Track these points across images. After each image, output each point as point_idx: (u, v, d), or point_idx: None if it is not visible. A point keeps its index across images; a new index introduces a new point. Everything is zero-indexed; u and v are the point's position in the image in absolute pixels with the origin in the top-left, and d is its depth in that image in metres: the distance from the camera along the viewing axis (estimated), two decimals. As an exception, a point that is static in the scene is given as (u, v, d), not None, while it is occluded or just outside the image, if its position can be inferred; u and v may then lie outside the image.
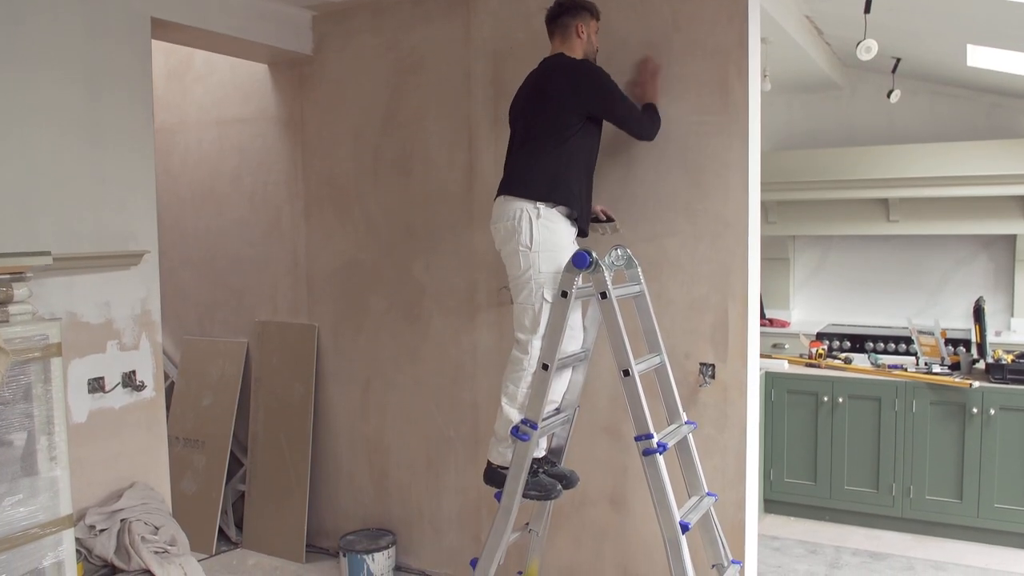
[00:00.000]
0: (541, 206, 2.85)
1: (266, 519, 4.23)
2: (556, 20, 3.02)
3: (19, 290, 2.54)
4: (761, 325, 5.35)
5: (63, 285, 3.01)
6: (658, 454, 2.63)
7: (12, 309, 2.52)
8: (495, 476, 3.03)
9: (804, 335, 5.15)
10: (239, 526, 4.38)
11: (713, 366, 3.21)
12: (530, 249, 2.85)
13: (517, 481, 2.87)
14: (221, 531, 4.34)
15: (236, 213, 4.38)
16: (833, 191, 5.46)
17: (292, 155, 4.17)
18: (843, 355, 4.80)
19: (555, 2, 3.02)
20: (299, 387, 4.18)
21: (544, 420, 2.91)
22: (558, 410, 3.13)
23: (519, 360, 2.93)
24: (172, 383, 4.54)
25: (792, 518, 4.56)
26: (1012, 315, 5.45)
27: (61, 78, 2.97)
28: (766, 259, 5.83)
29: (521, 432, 2.85)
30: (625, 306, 2.80)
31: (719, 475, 3.19)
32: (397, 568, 3.94)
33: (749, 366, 3.16)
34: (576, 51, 3.00)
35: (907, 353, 5.01)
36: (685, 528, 2.62)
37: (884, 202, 5.45)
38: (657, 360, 2.92)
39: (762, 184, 3.24)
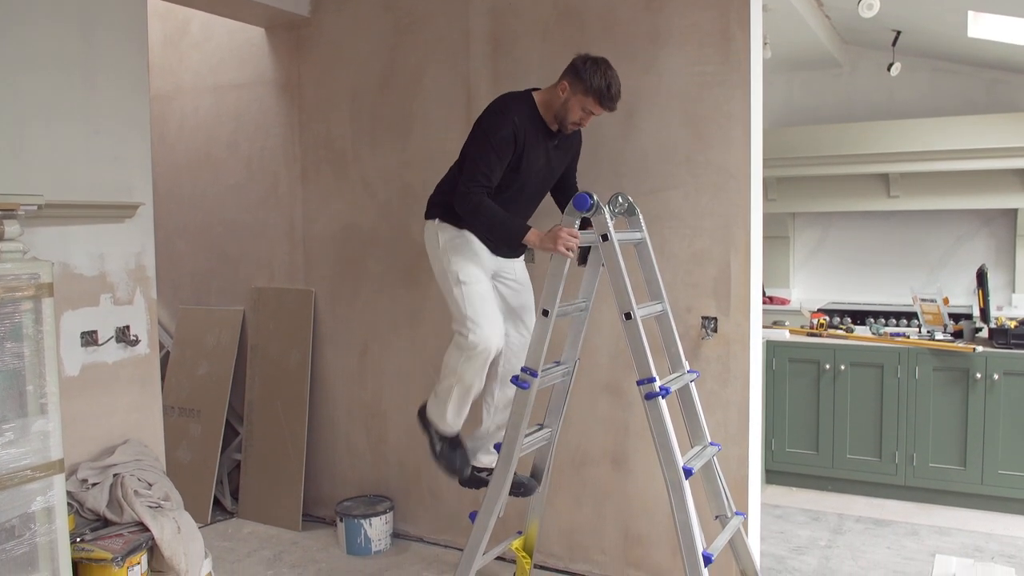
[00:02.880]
0: (439, 222, 2.95)
1: (262, 488, 4.18)
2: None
3: (10, 227, 2.50)
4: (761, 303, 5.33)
5: (56, 235, 2.96)
6: (660, 397, 2.60)
7: (3, 247, 2.47)
8: (425, 421, 3.16)
9: (805, 308, 5.11)
10: (235, 496, 4.32)
11: (715, 319, 3.17)
12: (439, 247, 2.95)
13: (517, 430, 2.83)
14: (217, 501, 4.28)
15: (233, 179, 4.34)
16: (833, 167, 5.43)
17: (289, 119, 4.13)
18: (844, 325, 4.76)
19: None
20: (296, 354, 4.13)
21: (544, 370, 2.88)
22: (558, 363, 3.09)
23: (461, 343, 2.91)
24: (167, 353, 4.49)
25: (794, 488, 4.52)
26: (1014, 291, 5.42)
27: (55, 25, 2.92)
28: (766, 237, 5.78)
29: (521, 380, 2.81)
30: (626, 258, 2.76)
31: (722, 430, 3.15)
32: (395, 535, 3.89)
33: (752, 319, 3.12)
34: (547, 96, 2.88)
35: (909, 327, 4.98)
36: (688, 473, 2.58)
37: (885, 177, 5.42)
38: (659, 308, 2.88)
39: (762, 161, 3.20)
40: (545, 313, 2.78)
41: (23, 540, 2.49)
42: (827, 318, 4.80)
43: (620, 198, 2.91)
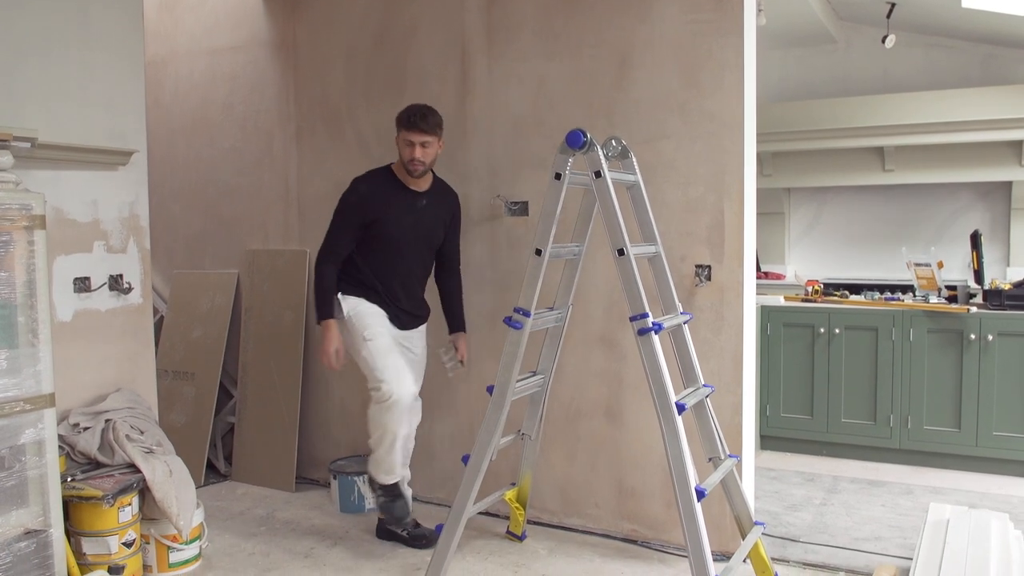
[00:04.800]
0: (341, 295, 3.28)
1: (256, 450, 4.16)
2: None
3: (3, 157, 2.50)
4: (757, 278, 5.33)
5: (49, 179, 2.96)
6: (653, 333, 2.59)
7: (-5, 176, 2.48)
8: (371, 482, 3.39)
9: (800, 276, 5.10)
10: (228, 459, 4.31)
11: (709, 267, 3.17)
12: (344, 316, 3.24)
13: (510, 371, 2.83)
14: (211, 464, 4.27)
15: (227, 142, 4.34)
16: (829, 140, 5.43)
17: (284, 79, 4.13)
18: (839, 292, 4.76)
19: None
20: (290, 315, 4.12)
21: (537, 313, 2.88)
22: (551, 308, 3.09)
23: (377, 397, 3.17)
24: (161, 317, 4.48)
25: (789, 454, 4.51)
26: (1008, 264, 5.41)
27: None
28: (761, 214, 5.78)
29: (514, 320, 2.81)
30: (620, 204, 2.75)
31: (716, 378, 3.14)
32: (388, 495, 3.87)
33: (745, 266, 3.12)
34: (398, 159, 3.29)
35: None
36: (681, 408, 2.57)
37: (880, 151, 5.42)
38: (652, 249, 2.88)
39: (756, 136, 3.21)
40: (538, 252, 2.78)
41: (13, 472, 2.48)
42: (821, 284, 4.79)
43: (614, 141, 2.91)
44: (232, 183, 4.34)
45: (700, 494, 2.53)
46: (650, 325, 2.60)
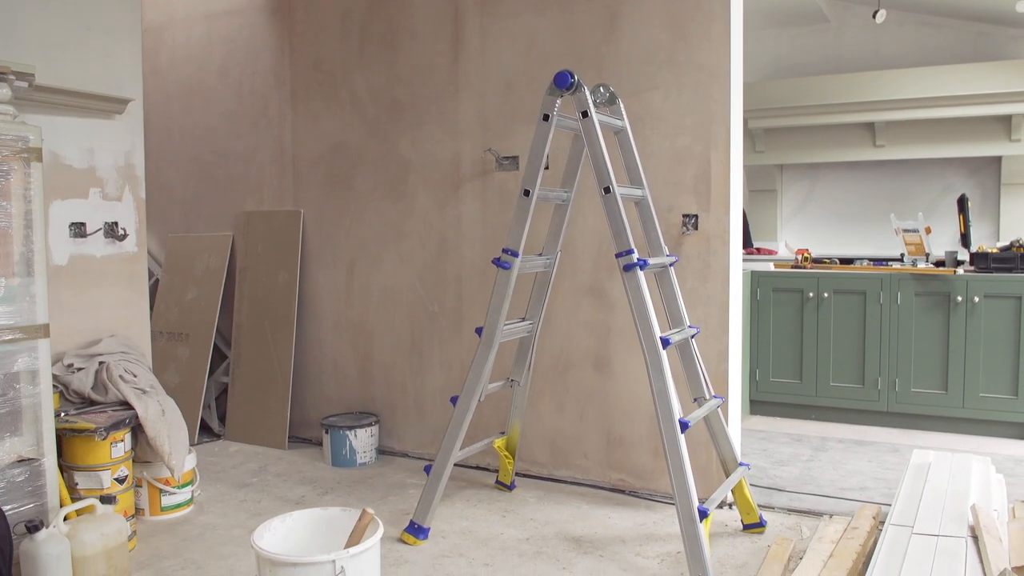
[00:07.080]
0: None
1: (249, 410, 4.20)
2: None
3: (1, 90, 2.54)
4: (749, 254, 5.37)
5: (46, 124, 2.98)
6: (638, 268, 2.63)
7: (-8, 107, 2.52)
8: None
9: (790, 246, 5.14)
10: (222, 420, 4.34)
11: (696, 216, 3.21)
12: None
13: (499, 311, 2.87)
14: (205, 425, 4.31)
15: (223, 106, 4.39)
16: (820, 116, 5.48)
17: (279, 43, 4.18)
18: (829, 259, 4.80)
19: None
20: (284, 274, 4.16)
21: (526, 256, 2.92)
22: (540, 254, 3.14)
23: None
24: (157, 280, 4.52)
25: (778, 418, 4.55)
26: (998, 239, 5.46)
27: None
28: (754, 191, 5.87)
29: (502, 260, 2.86)
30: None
31: (703, 325, 3.18)
32: (380, 452, 3.92)
33: (731, 214, 3.16)
34: None
35: (894, 268, 5.01)
36: (665, 343, 2.61)
37: (871, 127, 5.48)
38: (639, 192, 2.92)
39: (749, 112, 3.24)
40: (526, 193, 2.82)
41: (7, 399, 2.51)
42: (810, 253, 4.84)
43: (602, 88, 2.96)
44: (228, 147, 4.38)
45: (684, 426, 2.56)
46: (635, 261, 2.64)
